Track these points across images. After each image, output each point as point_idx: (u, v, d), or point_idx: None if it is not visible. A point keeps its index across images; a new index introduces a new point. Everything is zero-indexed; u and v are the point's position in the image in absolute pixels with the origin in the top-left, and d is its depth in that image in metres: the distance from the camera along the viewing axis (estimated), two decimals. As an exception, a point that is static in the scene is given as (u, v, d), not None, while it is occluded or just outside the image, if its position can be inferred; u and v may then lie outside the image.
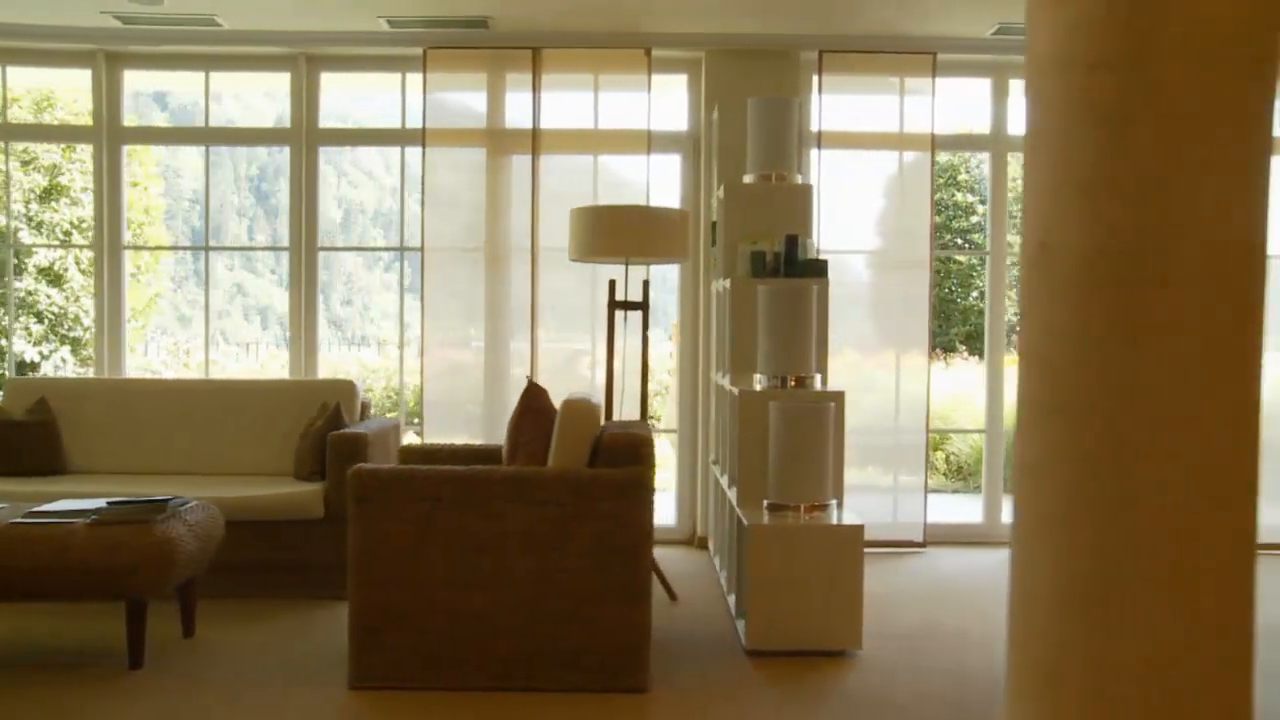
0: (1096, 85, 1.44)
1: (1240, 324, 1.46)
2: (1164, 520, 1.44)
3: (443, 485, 3.59)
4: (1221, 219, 1.43)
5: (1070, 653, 1.48)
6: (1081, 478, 1.47)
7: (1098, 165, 1.44)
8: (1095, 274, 1.45)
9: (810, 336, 4.49)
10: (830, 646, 4.00)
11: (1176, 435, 1.44)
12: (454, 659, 3.59)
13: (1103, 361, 1.45)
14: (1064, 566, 1.48)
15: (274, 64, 5.99)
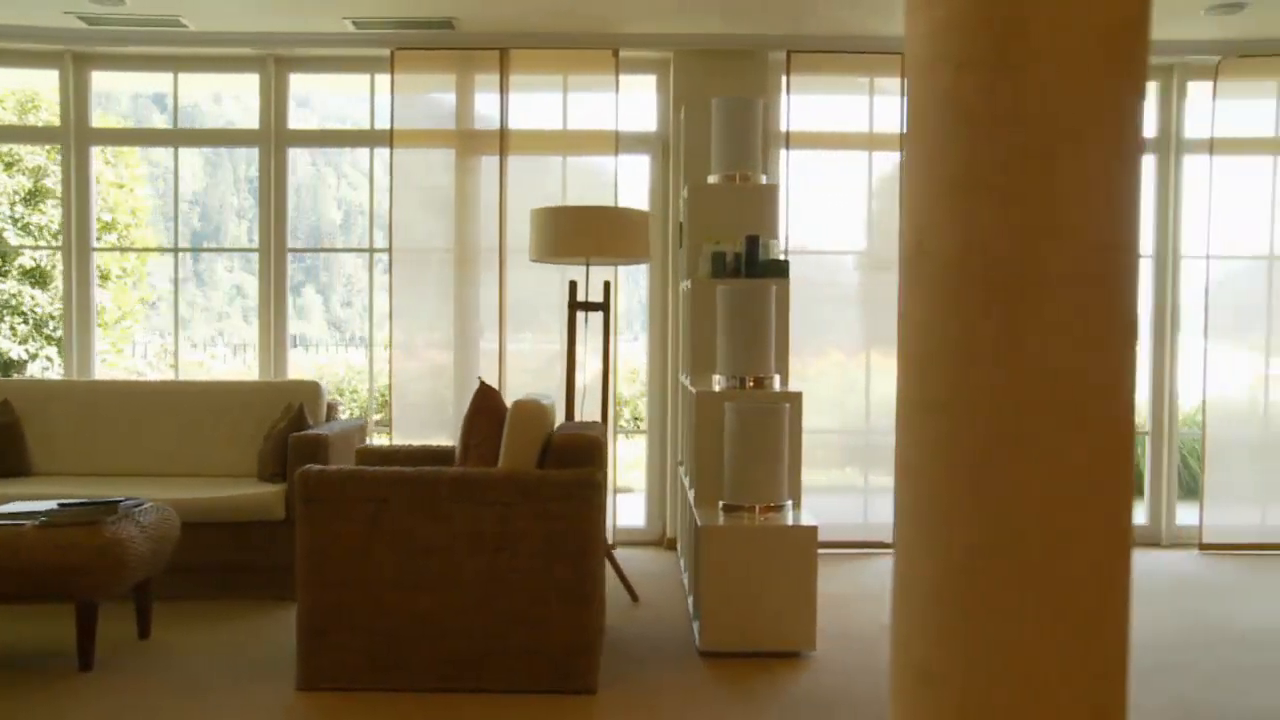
0: (964, 85, 1.43)
1: (1114, 325, 1.46)
2: (1039, 520, 1.44)
3: (390, 486, 3.59)
4: (1090, 220, 1.42)
5: (946, 651, 1.47)
6: (956, 478, 1.46)
7: (968, 166, 1.43)
8: (967, 274, 1.44)
9: (769, 337, 4.48)
10: (784, 647, 3.99)
11: (1050, 436, 1.43)
12: (402, 660, 3.59)
13: (975, 362, 1.44)
14: (941, 566, 1.48)
15: (242, 65, 5.99)
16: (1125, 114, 1.45)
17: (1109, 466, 1.46)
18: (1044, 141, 1.41)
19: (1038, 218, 1.42)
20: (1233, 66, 5.92)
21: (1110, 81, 1.43)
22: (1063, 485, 1.43)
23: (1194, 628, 4.50)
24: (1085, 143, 1.42)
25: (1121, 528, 1.49)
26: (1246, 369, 6.14)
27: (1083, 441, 1.43)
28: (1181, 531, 6.19)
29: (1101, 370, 1.45)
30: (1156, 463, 6.27)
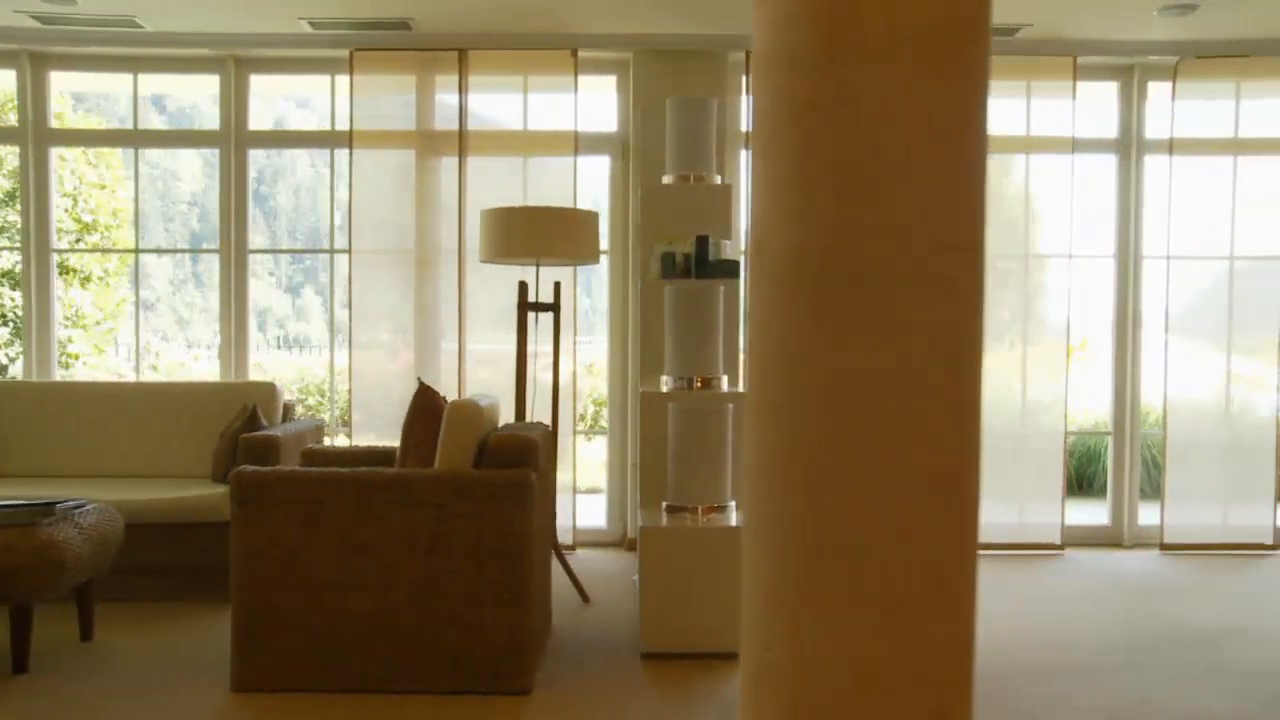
0: (799, 83, 1.43)
1: (953, 323, 1.45)
2: (873, 521, 1.43)
3: (324, 487, 3.58)
4: (927, 220, 1.42)
5: (782, 651, 1.47)
6: (793, 477, 1.46)
7: (802, 163, 1.43)
8: (802, 272, 1.44)
9: (717, 337, 4.47)
10: (724, 648, 3.98)
11: (887, 434, 1.43)
12: (336, 661, 3.58)
13: (810, 360, 1.44)
14: (779, 565, 1.48)
15: (202, 66, 5.98)
16: (963, 114, 1.45)
17: (949, 467, 1.46)
18: (874, 139, 1.41)
19: (870, 217, 1.41)
20: (1191, 67, 5.92)
21: (946, 82, 1.43)
22: (898, 486, 1.43)
23: (1143, 628, 4.49)
24: (920, 142, 1.42)
25: (963, 528, 1.49)
26: (1208, 369, 6.13)
27: (920, 442, 1.43)
28: (1144, 532, 6.18)
29: (940, 371, 1.45)
30: (1119, 463, 6.27)
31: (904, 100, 1.40)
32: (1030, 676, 3.86)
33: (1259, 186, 6.01)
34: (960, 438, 1.46)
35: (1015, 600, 4.99)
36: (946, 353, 1.45)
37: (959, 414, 1.45)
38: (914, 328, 1.42)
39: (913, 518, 1.42)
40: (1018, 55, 5.88)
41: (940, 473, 1.44)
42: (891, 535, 1.42)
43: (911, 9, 1.38)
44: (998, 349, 6.12)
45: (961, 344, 1.46)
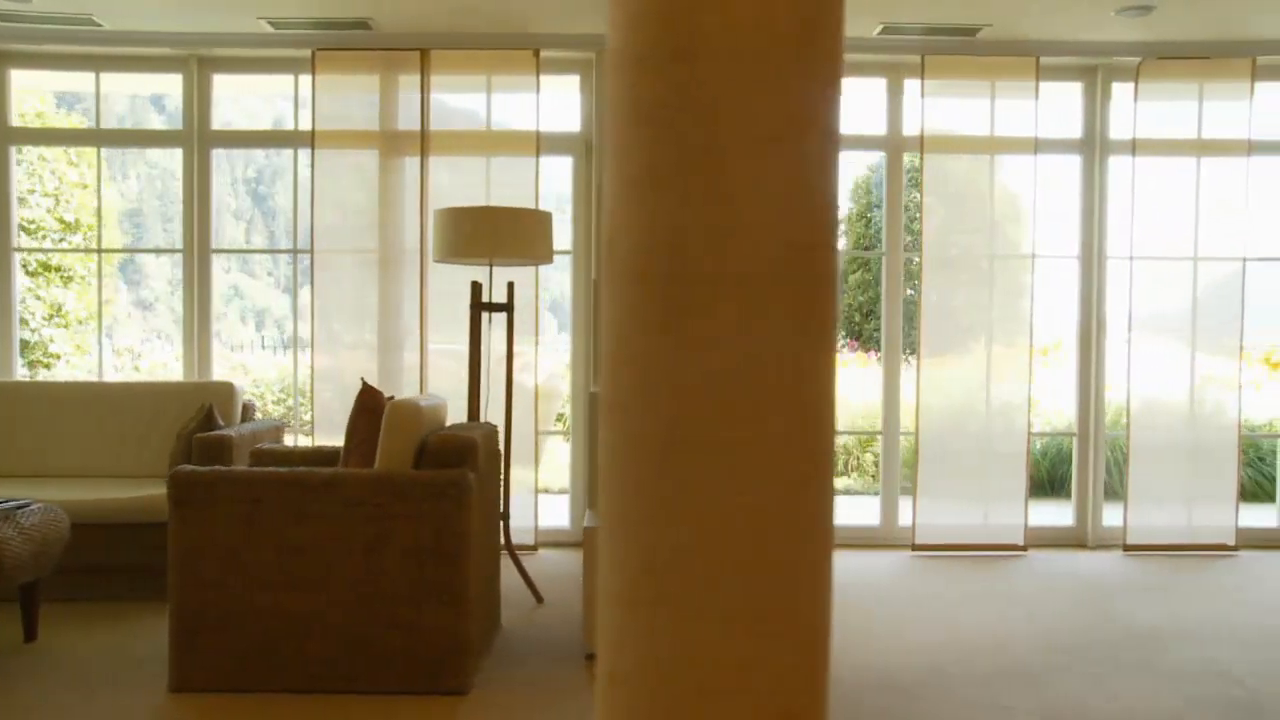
0: (644, 82, 1.42)
1: (802, 323, 1.44)
2: (723, 521, 1.43)
3: (262, 487, 3.58)
4: (770, 217, 1.41)
5: (632, 653, 1.46)
6: (637, 477, 1.45)
7: (649, 163, 1.42)
8: (648, 271, 1.43)
9: (668, 337, 4.46)
10: (669, 648, 3.97)
11: (733, 435, 1.42)
12: (274, 661, 3.57)
13: (657, 360, 1.43)
14: (628, 567, 1.47)
15: (164, 66, 5.97)
16: (811, 113, 1.44)
17: (798, 467, 1.45)
18: (721, 140, 1.40)
19: (715, 217, 1.41)
20: (1153, 68, 5.92)
21: (795, 81, 1.42)
22: (745, 487, 1.42)
23: (1090, 629, 4.49)
24: (764, 141, 1.41)
25: (815, 528, 1.48)
26: (1173, 370, 6.13)
27: (766, 442, 1.42)
28: (1108, 533, 6.18)
29: (789, 371, 1.44)
30: (1083, 464, 6.27)
31: (747, 100, 1.40)
32: (968, 678, 3.85)
33: (1223, 188, 6.01)
34: (810, 438, 1.45)
35: (966, 601, 4.99)
36: (795, 352, 1.44)
37: (808, 414, 1.45)
38: (760, 328, 1.41)
39: (760, 519, 1.41)
40: (981, 56, 5.88)
41: (788, 473, 1.43)
42: (738, 537, 1.42)
43: (753, 8, 1.37)
44: (963, 351, 6.12)
45: (811, 344, 1.46)
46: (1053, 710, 3.54)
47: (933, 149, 5.97)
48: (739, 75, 1.40)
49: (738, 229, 1.42)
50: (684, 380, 1.44)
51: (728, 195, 1.42)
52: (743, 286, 1.43)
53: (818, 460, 1.50)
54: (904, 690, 3.72)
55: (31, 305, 11.65)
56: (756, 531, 1.44)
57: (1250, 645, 4.24)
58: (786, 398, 1.45)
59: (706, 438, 1.42)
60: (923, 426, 5.99)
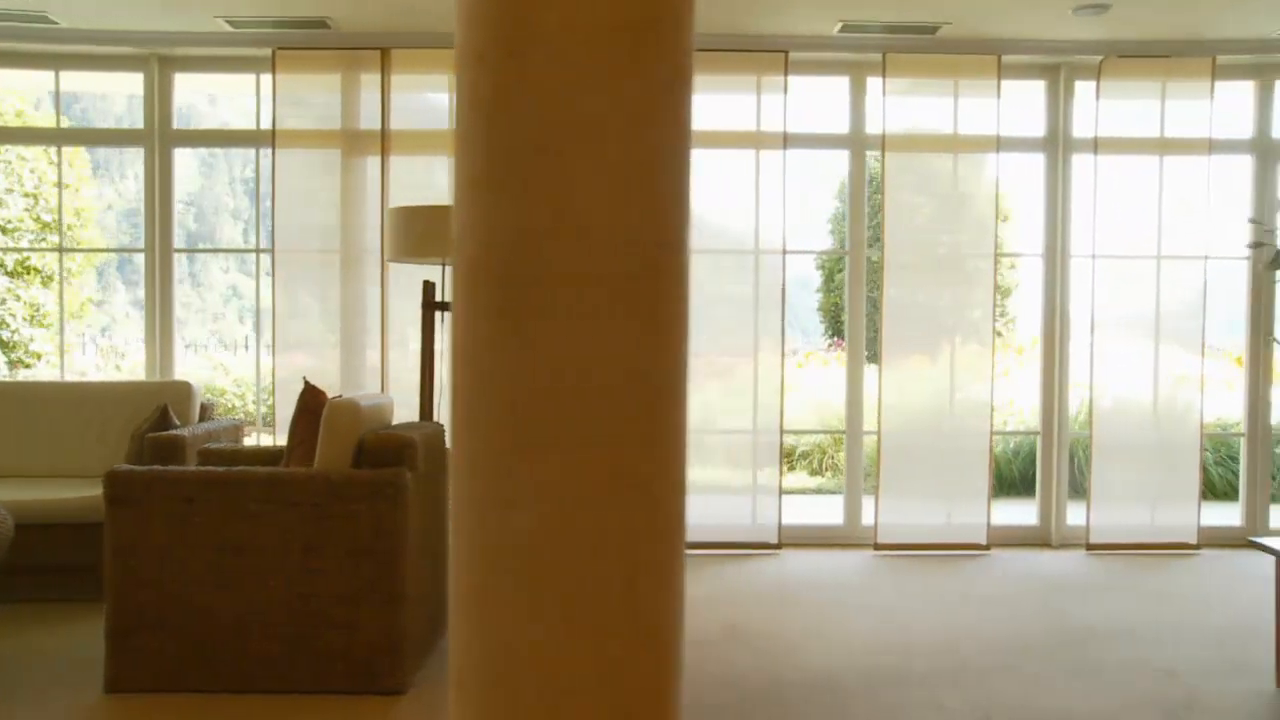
0: (484, 80, 1.42)
1: (646, 322, 1.44)
2: (561, 520, 1.42)
3: (198, 486, 3.57)
4: (611, 216, 1.41)
5: (477, 654, 1.46)
6: (484, 476, 1.45)
7: (485, 160, 1.42)
8: (490, 269, 1.43)
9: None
10: (612, 648, 3.97)
11: (571, 435, 1.42)
12: (210, 661, 3.57)
13: (499, 360, 1.43)
14: (472, 567, 1.46)
15: (125, 64, 5.96)
16: (654, 110, 1.44)
17: (638, 467, 1.44)
18: (557, 137, 1.40)
19: (553, 215, 1.40)
20: (1115, 67, 5.91)
21: (633, 78, 1.42)
22: (582, 487, 1.42)
23: (1039, 628, 4.48)
24: (603, 140, 1.41)
25: (657, 527, 1.47)
26: (1136, 369, 6.12)
27: (605, 442, 1.42)
28: (1072, 532, 6.17)
29: (630, 371, 1.43)
30: (1046, 463, 6.26)
31: (583, 96, 1.39)
32: (910, 678, 3.85)
33: (1185, 186, 6.01)
34: (656, 436, 1.44)
35: (921, 601, 4.99)
36: (638, 351, 1.44)
37: (654, 413, 1.44)
38: (600, 326, 1.41)
39: (598, 518, 1.41)
40: (942, 54, 5.88)
41: (627, 473, 1.43)
42: (579, 535, 1.41)
43: (588, 4, 1.37)
44: (927, 350, 6.12)
45: (657, 342, 1.45)
46: (988, 710, 3.53)
47: (895, 148, 5.96)
48: (574, 72, 1.40)
49: (576, 227, 1.42)
50: (525, 378, 1.43)
51: (565, 193, 1.41)
52: (582, 285, 1.42)
53: (665, 459, 1.49)
54: (841, 690, 3.72)
55: (12, 305, 11.65)
56: (598, 531, 1.43)
57: (1197, 644, 4.24)
58: (630, 397, 1.44)
59: (548, 435, 1.42)
60: (886, 426, 5.98)
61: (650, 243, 1.45)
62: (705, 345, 6.13)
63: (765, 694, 3.68)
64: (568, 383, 1.41)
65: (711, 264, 6.03)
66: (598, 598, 1.43)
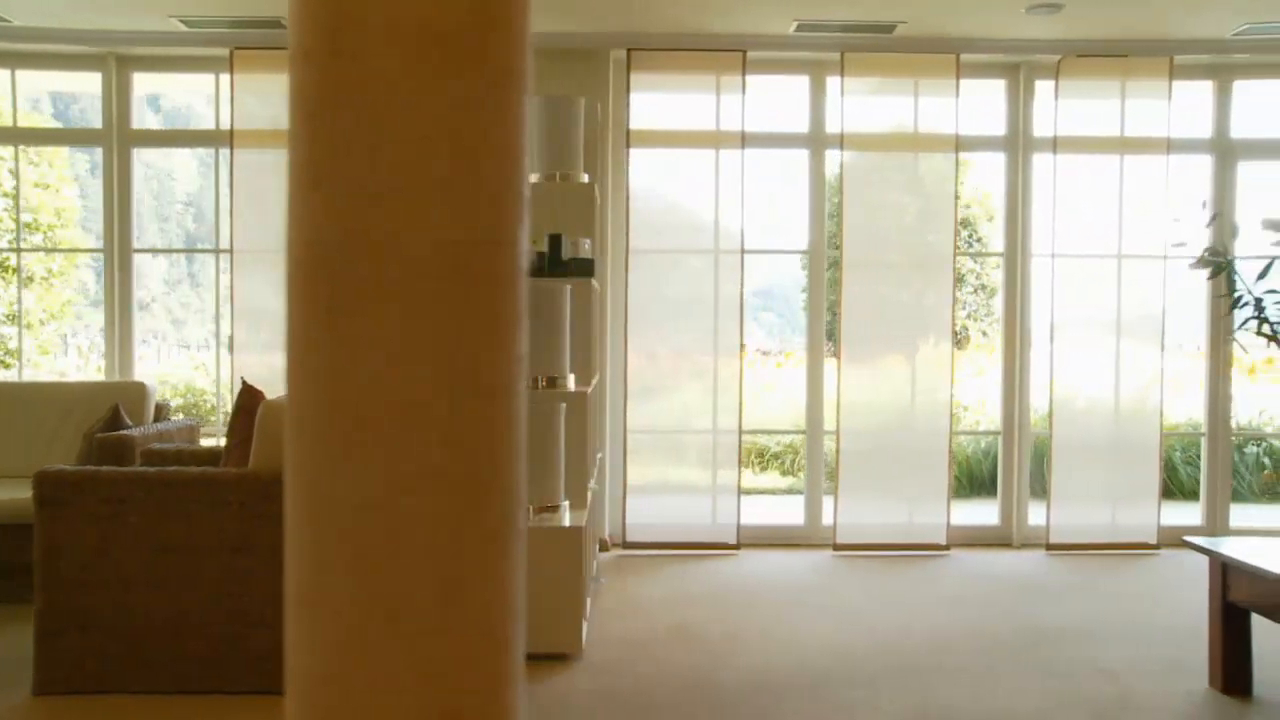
0: (311, 79, 1.41)
1: (469, 324, 1.43)
2: (380, 520, 1.41)
3: (129, 487, 3.56)
4: (428, 216, 1.39)
5: (297, 656, 1.45)
6: (303, 477, 1.44)
7: (311, 159, 1.41)
8: (314, 269, 1.41)
9: (563, 336, 4.45)
10: (549, 650, 3.97)
11: (386, 434, 1.41)
12: (141, 662, 3.56)
13: (322, 358, 1.42)
14: (298, 568, 1.45)
15: (83, 64, 5.96)
16: (482, 111, 1.43)
17: (459, 465, 1.44)
18: (379, 136, 1.39)
19: (375, 215, 1.39)
20: (1073, 66, 5.91)
21: (459, 80, 1.41)
22: (408, 488, 1.41)
23: (987, 629, 4.48)
24: (427, 139, 1.40)
25: (493, 528, 1.46)
26: (1096, 368, 6.11)
27: (423, 441, 1.41)
28: (1033, 532, 6.16)
29: (456, 372, 1.42)
30: (1008, 463, 6.25)
31: (408, 97, 1.38)
32: (850, 679, 3.84)
33: (1145, 185, 6.00)
34: (480, 437, 1.43)
35: (874, 601, 4.98)
36: (465, 351, 1.42)
37: (478, 413, 1.43)
38: (421, 328, 1.40)
39: (421, 519, 1.40)
40: (901, 53, 5.87)
41: (460, 474, 1.42)
42: (394, 536, 1.40)
43: (415, 1, 1.36)
44: (887, 350, 6.11)
45: (486, 342, 1.44)
46: (924, 710, 3.52)
47: (854, 146, 5.96)
48: (397, 71, 1.39)
49: (397, 227, 1.41)
50: (347, 380, 1.42)
51: (386, 193, 1.40)
52: (402, 286, 1.41)
53: (496, 459, 1.48)
54: (780, 690, 3.71)
55: (-8, 307, 11.65)
56: (422, 531, 1.42)
57: (1142, 643, 4.23)
58: (446, 397, 1.43)
59: (371, 435, 1.41)
60: (846, 425, 5.97)
61: (471, 241, 1.44)
62: (664, 346, 6.12)
63: (700, 694, 3.67)
64: (389, 382, 1.41)
65: (670, 264, 6.01)
66: (422, 597, 1.42)
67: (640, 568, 5.57)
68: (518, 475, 1.53)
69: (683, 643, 4.25)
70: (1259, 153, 6.10)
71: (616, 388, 5.99)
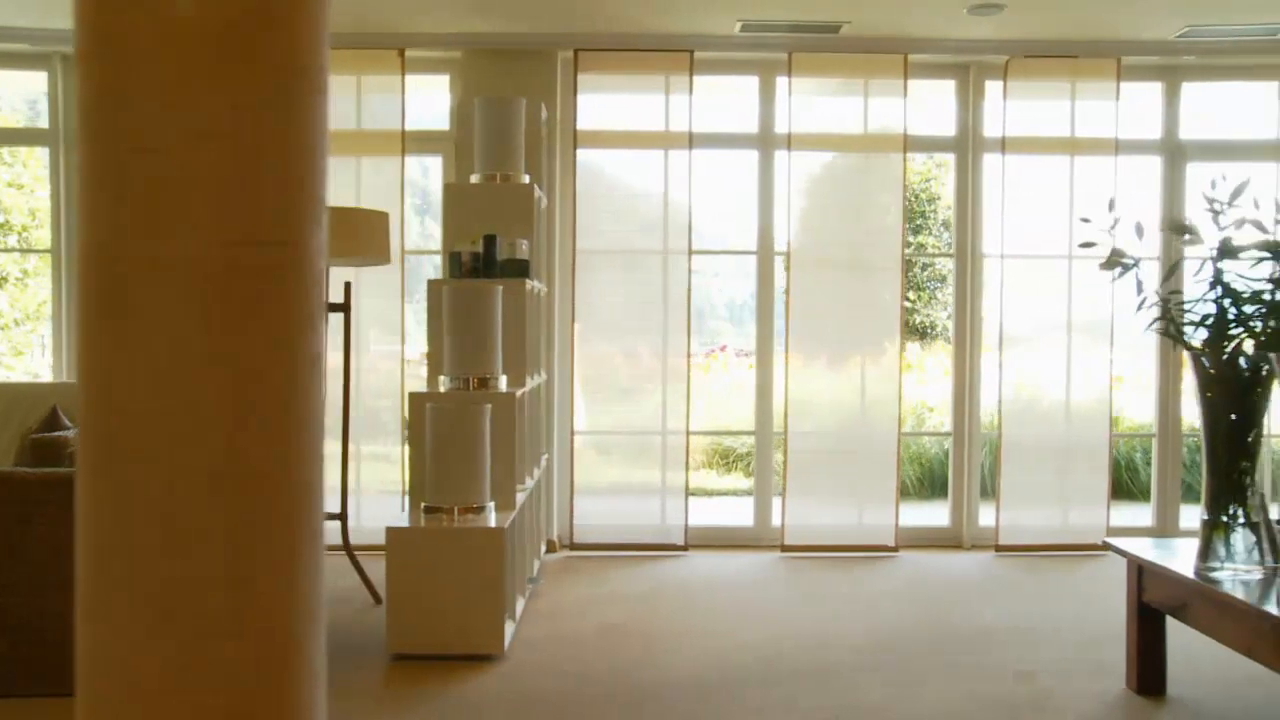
0: (88, 77, 1.41)
1: (248, 323, 1.43)
2: (154, 522, 1.41)
3: (39, 487, 3.56)
4: (204, 216, 1.40)
5: (84, 660, 1.46)
6: (85, 478, 1.44)
7: (89, 159, 1.41)
8: (93, 271, 1.41)
9: (494, 337, 4.44)
10: (472, 650, 3.96)
11: (162, 435, 1.41)
12: (44, 664, 3.54)
13: (98, 356, 1.42)
14: (81, 569, 1.46)
15: (27, 63, 5.95)
16: (268, 110, 1.42)
17: (252, 467, 1.43)
18: (156, 137, 1.38)
19: (148, 216, 1.39)
20: (1021, 67, 5.90)
21: (240, 80, 1.40)
22: (184, 489, 1.41)
23: (919, 630, 4.47)
24: (210, 139, 1.39)
25: (280, 528, 1.46)
26: (1046, 369, 6.11)
27: (195, 442, 1.40)
28: (983, 533, 6.15)
29: (235, 371, 1.42)
30: (958, 464, 6.25)
31: (186, 97, 1.38)
32: (772, 679, 3.83)
33: (1094, 186, 5.99)
34: (264, 437, 1.43)
35: (812, 602, 4.97)
36: (242, 353, 1.42)
37: (261, 414, 1.43)
38: (202, 326, 1.40)
39: (200, 520, 1.40)
40: (848, 53, 5.87)
41: (241, 473, 1.42)
42: (175, 538, 1.40)
43: (186, 4, 1.36)
44: (836, 350, 6.10)
45: (272, 341, 1.44)
46: (838, 710, 3.51)
47: (802, 146, 5.95)
48: (174, 71, 1.38)
49: (175, 226, 1.40)
50: (127, 381, 1.41)
51: (162, 194, 1.40)
52: (180, 286, 1.40)
53: (286, 462, 1.48)
54: (698, 692, 3.70)
55: (-35, 307, 11.63)
56: (198, 532, 1.42)
57: (1070, 645, 4.23)
58: (236, 396, 1.42)
59: (137, 438, 1.40)
60: (796, 427, 5.97)
61: (250, 242, 1.43)
62: (613, 346, 6.12)
63: (618, 694, 3.66)
64: (169, 383, 1.40)
65: (619, 264, 6.01)
66: (207, 599, 1.41)
67: (585, 569, 5.56)
68: (312, 476, 1.52)
69: (611, 643, 4.24)
70: (1208, 154, 6.10)
71: (564, 388, 5.98)
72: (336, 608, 4.65)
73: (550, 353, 5.89)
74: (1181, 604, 3.35)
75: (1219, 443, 3.21)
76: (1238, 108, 6.44)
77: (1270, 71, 5.99)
